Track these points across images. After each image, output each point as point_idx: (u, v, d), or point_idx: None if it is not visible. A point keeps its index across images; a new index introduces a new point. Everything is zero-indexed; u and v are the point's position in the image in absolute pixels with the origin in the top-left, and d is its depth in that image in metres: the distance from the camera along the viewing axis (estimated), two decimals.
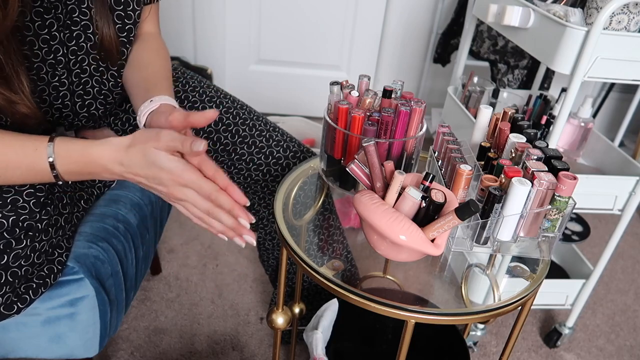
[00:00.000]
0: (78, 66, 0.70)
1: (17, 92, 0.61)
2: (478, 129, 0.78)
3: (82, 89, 0.72)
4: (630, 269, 1.52)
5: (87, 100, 0.74)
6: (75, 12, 0.67)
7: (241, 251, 1.40)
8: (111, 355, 1.07)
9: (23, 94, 0.62)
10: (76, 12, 0.67)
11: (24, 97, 0.62)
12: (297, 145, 0.93)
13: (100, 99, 0.75)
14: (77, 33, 0.68)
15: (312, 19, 1.95)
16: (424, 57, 2.07)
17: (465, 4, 1.68)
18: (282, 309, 0.83)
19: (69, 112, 0.73)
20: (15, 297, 0.62)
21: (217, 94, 0.91)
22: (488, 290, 0.70)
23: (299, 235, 0.74)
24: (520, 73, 1.67)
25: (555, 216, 0.64)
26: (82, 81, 0.71)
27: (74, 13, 0.67)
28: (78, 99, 0.73)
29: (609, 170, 1.06)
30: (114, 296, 0.76)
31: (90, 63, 0.71)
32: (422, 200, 0.59)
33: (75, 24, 0.68)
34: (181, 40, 1.96)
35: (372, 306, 0.60)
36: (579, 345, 1.24)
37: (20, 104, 0.63)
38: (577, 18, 0.84)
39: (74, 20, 0.67)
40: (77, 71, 0.70)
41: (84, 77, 0.71)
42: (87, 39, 0.69)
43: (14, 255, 0.60)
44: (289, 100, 2.11)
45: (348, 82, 0.75)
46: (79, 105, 0.74)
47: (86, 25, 0.68)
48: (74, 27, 0.68)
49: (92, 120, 0.81)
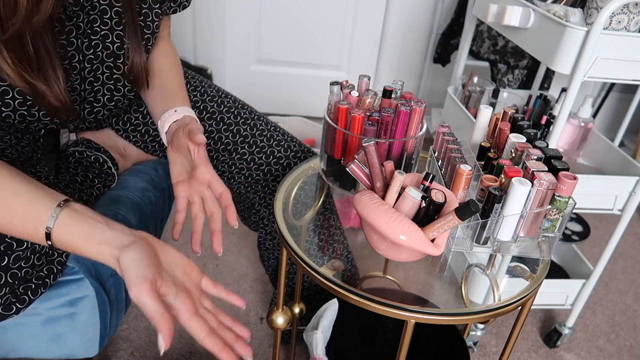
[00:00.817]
0: (93, 74, 0.70)
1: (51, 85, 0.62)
2: (478, 129, 0.78)
3: (93, 97, 0.72)
4: (630, 269, 1.52)
5: (97, 107, 0.74)
6: (96, 22, 0.68)
7: (241, 251, 1.40)
8: (111, 355, 1.07)
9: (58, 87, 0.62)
10: (97, 22, 0.68)
11: (58, 91, 0.63)
12: (298, 145, 0.93)
13: (109, 106, 0.75)
14: (96, 42, 0.69)
15: (312, 19, 1.95)
16: (424, 57, 2.07)
17: (465, 4, 1.68)
18: (282, 309, 0.83)
19: (75, 117, 0.73)
20: (14, 298, 0.62)
21: (219, 94, 0.91)
22: (488, 290, 0.70)
23: (299, 235, 0.74)
24: (520, 73, 1.67)
25: (555, 216, 0.64)
26: (94, 89, 0.72)
27: (95, 23, 0.68)
28: (87, 105, 0.73)
29: (609, 170, 1.06)
30: (114, 296, 0.75)
31: (103, 72, 0.71)
32: (422, 200, 0.59)
33: (95, 33, 0.68)
34: (181, 40, 1.96)
35: (372, 306, 0.60)
36: (579, 345, 1.24)
37: (51, 97, 0.63)
38: (577, 18, 0.84)
39: (94, 30, 0.68)
40: (90, 79, 0.70)
41: (97, 85, 0.72)
42: (104, 48, 0.70)
43: (15, 257, 0.60)
44: (289, 100, 2.11)
45: (348, 82, 0.75)
46: (87, 112, 0.74)
47: (105, 35, 0.69)
48: (93, 36, 0.68)
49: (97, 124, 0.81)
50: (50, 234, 0.55)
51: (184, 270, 0.59)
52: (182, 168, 0.72)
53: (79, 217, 0.56)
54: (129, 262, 0.53)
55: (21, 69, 0.58)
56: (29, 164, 0.69)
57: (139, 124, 0.88)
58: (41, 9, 0.56)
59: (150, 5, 0.73)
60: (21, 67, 0.58)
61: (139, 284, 0.51)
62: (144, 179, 0.88)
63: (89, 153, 0.83)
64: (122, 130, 0.88)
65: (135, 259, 0.53)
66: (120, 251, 0.53)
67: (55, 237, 0.55)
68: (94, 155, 0.83)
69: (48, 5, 0.56)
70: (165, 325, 0.50)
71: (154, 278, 0.53)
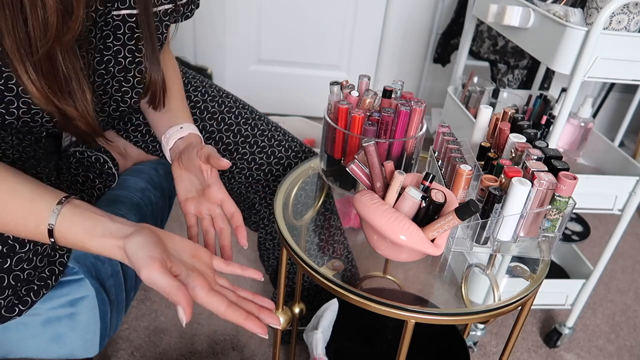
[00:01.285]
0: (102, 88, 0.70)
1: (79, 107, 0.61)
2: (478, 129, 0.78)
3: (100, 108, 0.72)
4: (630, 269, 1.52)
5: (101, 117, 0.74)
6: (109, 38, 0.67)
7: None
8: (111, 355, 1.07)
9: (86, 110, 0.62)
10: (110, 38, 0.67)
11: (87, 114, 0.62)
12: (298, 145, 0.93)
13: (114, 115, 0.75)
14: (108, 58, 0.68)
15: (312, 19, 1.95)
16: (424, 57, 2.07)
17: (465, 4, 1.68)
18: (282, 309, 0.83)
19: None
20: (17, 300, 0.62)
21: (219, 94, 0.91)
22: (488, 290, 0.70)
23: (299, 235, 0.74)
24: (520, 73, 1.67)
25: (555, 216, 0.64)
26: (101, 101, 0.71)
27: (109, 39, 0.67)
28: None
29: (609, 170, 1.06)
30: (114, 296, 0.76)
31: (113, 85, 0.71)
32: (422, 200, 0.59)
33: (108, 48, 0.67)
34: (181, 40, 1.96)
35: (372, 306, 0.60)
36: (579, 345, 1.24)
37: (80, 121, 0.62)
38: (577, 18, 0.84)
39: (107, 45, 0.67)
40: (99, 92, 0.70)
41: (105, 98, 0.71)
42: (117, 63, 0.69)
43: (17, 259, 0.59)
44: (289, 100, 2.11)
45: (348, 82, 0.75)
46: None
47: (118, 50, 0.68)
48: (106, 51, 0.67)
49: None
50: (52, 231, 0.54)
51: (191, 254, 0.58)
52: (190, 185, 0.72)
53: (81, 213, 0.55)
54: (134, 247, 0.52)
55: (50, 92, 0.57)
56: (30, 164, 0.69)
57: (140, 124, 0.88)
58: (71, 27, 0.55)
59: (160, 18, 0.72)
60: (50, 91, 0.57)
61: (148, 265, 0.50)
62: (144, 179, 0.88)
63: (90, 153, 0.83)
64: (122, 130, 0.88)
65: (140, 242, 0.52)
66: (124, 240, 0.53)
67: (58, 233, 0.55)
68: (95, 155, 0.83)
69: (77, 23, 0.55)
70: (182, 296, 0.49)
71: (163, 258, 0.51)
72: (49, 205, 0.55)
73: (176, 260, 0.54)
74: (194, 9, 0.81)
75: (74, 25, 0.55)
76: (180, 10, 0.77)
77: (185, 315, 0.49)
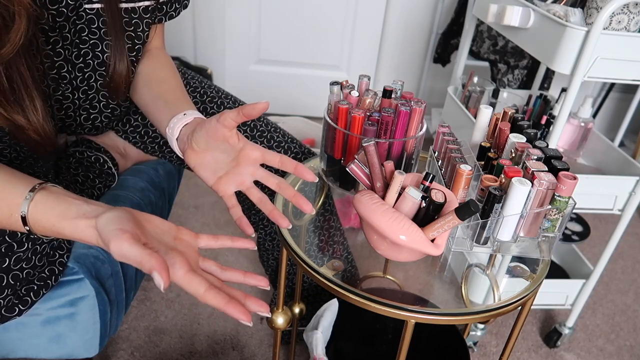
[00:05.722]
0: (85, 83, 0.69)
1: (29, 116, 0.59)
2: (478, 129, 0.78)
3: (89, 104, 0.72)
4: (630, 269, 1.52)
5: (93, 114, 0.74)
6: (84, 31, 0.67)
7: (241, 251, 1.39)
8: (111, 355, 1.07)
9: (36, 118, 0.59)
10: (85, 32, 0.67)
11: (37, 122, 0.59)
12: (298, 146, 0.93)
13: (106, 112, 0.75)
14: (85, 51, 0.68)
15: (312, 18, 1.95)
16: (424, 57, 2.07)
17: (465, 4, 1.68)
18: (282, 309, 0.83)
19: (72, 122, 0.73)
20: (17, 300, 0.62)
21: (219, 94, 0.91)
22: (488, 290, 0.70)
23: (299, 235, 0.74)
24: (520, 73, 1.67)
25: (555, 216, 0.64)
26: (89, 97, 0.71)
27: (83, 32, 0.67)
28: (83, 112, 0.73)
29: (609, 170, 1.06)
30: (114, 296, 0.76)
31: (97, 79, 0.70)
32: (422, 200, 0.59)
33: (84, 42, 0.67)
34: (181, 40, 1.96)
35: (372, 306, 0.60)
36: (579, 345, 1.24)
37: (30, 130, 0.60)
38: (577, 18, 0.84)
39: (82, 39, 0.67)
40: (84, 88, 0.69)
41: (91, 93, 0.71)
42: (94, 56, 0.68)
43: (16, 258, 0.59)
44: (289, 100, 2.11)
45: (348, 82, 0.75)
46: (84, 118, 0.74)
47: (95, 43, 0.68)
48: (82, 45, 0.67)
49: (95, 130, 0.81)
50: (25, 218, 0.52)
51: (173, 236, 0.54)
52: (216, 165, 0.66)
53: (55, 197, 0.53)
54: (104, 221, 0.47)
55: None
56: (27, 164, 0.69)
57: (138, 125, 0.88)
58: (10, 39, 0.53)
59: (140, 15, 0.72)
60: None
61: (117, 236, 0.45)
62: (144, 179, 0.88)
63: (90, 153, 0.83)
64: (121, 131, 0.88)
65: (111, 217, 0.48)
66: (96, 219, 0.49)
67: (31, 219, 0.52)
68: (95, 155, 0.83)
69: (18, 35, 0.53)
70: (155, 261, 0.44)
71: (136, 233, 0.46)
72: (21, 193, 0.52)
73: (154, 239, 0.50)
74: (179, 9, 0.80)
75: (14, 37, 0.53)
76: (163, 9, 0.77)
77: (162, 279, 0.44)
